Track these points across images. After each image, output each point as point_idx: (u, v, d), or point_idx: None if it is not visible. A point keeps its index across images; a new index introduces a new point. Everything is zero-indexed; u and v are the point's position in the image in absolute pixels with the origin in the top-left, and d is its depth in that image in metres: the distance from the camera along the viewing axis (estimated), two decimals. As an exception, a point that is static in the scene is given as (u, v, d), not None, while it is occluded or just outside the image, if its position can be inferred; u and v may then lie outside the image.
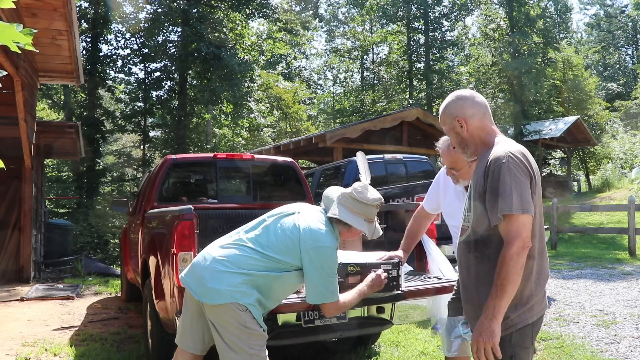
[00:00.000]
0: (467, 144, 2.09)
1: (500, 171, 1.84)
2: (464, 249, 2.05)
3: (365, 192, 2.56)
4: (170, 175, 5.04)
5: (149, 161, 18.33)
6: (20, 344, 4.53)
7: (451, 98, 2.13)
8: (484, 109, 2.08)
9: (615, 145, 26.21)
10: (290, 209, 2.61)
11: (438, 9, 29.56)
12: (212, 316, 2.38)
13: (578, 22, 57.00)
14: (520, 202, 1.80)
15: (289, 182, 5.37)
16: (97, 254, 13.39)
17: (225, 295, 2.31)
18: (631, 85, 38.41)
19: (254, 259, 2.39)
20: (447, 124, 2.12)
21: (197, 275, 2.42)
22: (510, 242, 1.79)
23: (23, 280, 8.02)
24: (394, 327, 4.50)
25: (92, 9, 16.39)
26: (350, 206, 2.53)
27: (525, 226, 1.81)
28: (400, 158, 8.03)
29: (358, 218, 2.53)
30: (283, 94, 24.73)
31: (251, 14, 18.04)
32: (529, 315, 1.89)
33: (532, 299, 1.89)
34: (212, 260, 2.42)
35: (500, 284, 1.79)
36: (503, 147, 1.94)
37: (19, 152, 7.89)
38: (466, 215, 2.07)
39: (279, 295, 2.52)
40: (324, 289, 2.43)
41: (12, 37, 1.23)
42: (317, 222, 2.49)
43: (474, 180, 2.01)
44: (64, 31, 7.00)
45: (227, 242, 2.52)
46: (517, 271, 1.79)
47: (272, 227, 2.49)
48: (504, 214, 1.81)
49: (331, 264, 2.46)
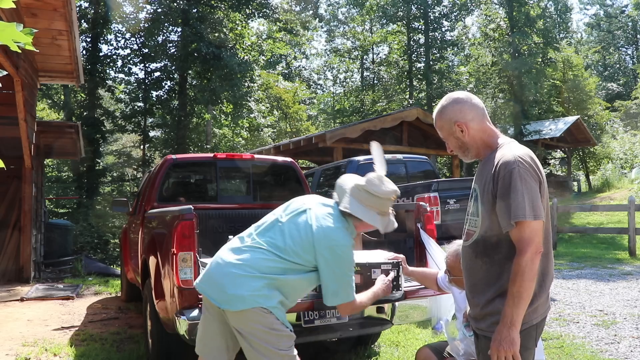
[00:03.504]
0: (468, 148, 2.05)
1: (511, 177, 1.83)
2: (470, 254, 2.02)
3: (379, 184, 2.44)
4: (170, 175, 5.04)
5: (149, 161, 18.32)
6: (20, 344, 4.53)
7: (447, 101, 2.07)
8: (482, 111, 2.05)
9: (615, 145, 26.20)
10: (302, 205, 2.50)
11: (438, 9, 29.55)
12: (236, 323, 2.31)
13: (578, 22, 57.05)
14: (532, 208, 1.80)
15: (289, 182, 5.37)
16: (97, 254, 13.39)
17: (249, 300, 2.25)
18: (631, 85, 38.42)
19: (272, 262, 2.32)
20: (445, 130, 2.07)
21: (216, 282, 2.34)
22: (523, 249, 1.79)
23: (23, 280, 8.02)
24: (394, 327, 4.50)
25: (92, 9, 16.39)
26: (363, 199, 2.42)
27: (538, 232, 1.82)
28: (400, 158, 8.02)
29: (371, 211, 2.43)
30: (283, 94, 24.73)
31: (251, 14, 18.05)
32: (534, 316, 1.89)
33: (536, 300, 1.88)
34: (229, 266, 2.34)
35: (516, 291, 1.79)
36: (510, 150, 1.91)
37: (19, 152, 7.89)
38: (471, 219, 2.04)
39: (298, 295, 2.47)
40: (341, 289, 2.38)
41: (12, 37, 1.23)
42: (329, 219, 2.40)
43: (480, 183, 1.98)
44: (64, 31, 7.00)
45: (240, 245, 2.43)
46: (531, 278, 1.79)
47: (287, 229, 2.40)
48: (516, 221, 1.80)
49: (347, 263, 2.39)
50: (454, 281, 2.61)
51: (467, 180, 10.04)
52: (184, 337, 2.97)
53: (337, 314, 3.18)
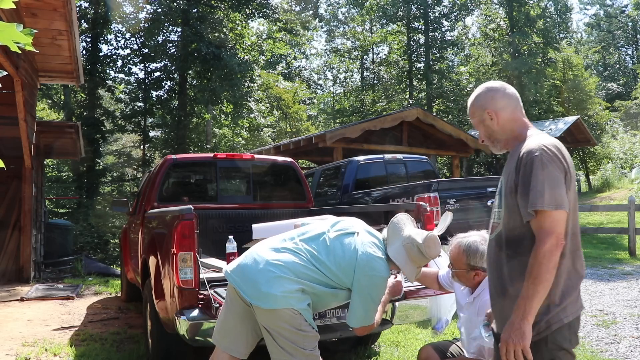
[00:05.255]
0: (497, 137, 2.01)
1: (532, 165, 1.76)
2: (495, 247, 1.95)
3: (434, 248, 2.50)
4: (170, 175, 5.04)
5: (149, 161, 18.33)
6: (20, 344, 4.53)
7: (481, 90, 2.05)
8: (516, 101, 2.00)
9: (615, 145, 26.19)
10: (350, 226, 2.58)
11: (438, 9, 29.56)
12: (265, 320, 2.35)
13: (578, 22, 57.08)
14: (553, 197, 1.72)
15: (289, 182, 5.37)
16: (97, 254, 13.40)
17: (281, 300, 2.29)
18: (631, 85, 38.42)
19: (311, 270, 2.38)
20: (477, 117, 2.03)
21: (249, 278, 2.37)
22: (542, 239, 1.71)
23: (23, 280, 8.02)
24: (394, 327, 4.51)
25: (92, 9, 16.40)
26: (412, 254, 2.49)
27: (559, 222, 1.73)
28: (400, 158, 8.01)
29: (412, 265, 2.52)
30: (283, 94, 24.72)
31: (251, 14, 18.05)
32: (563, 315, 1.80)
33: (565, 299, 1.80)
34: (266, 264, 2.37)
35: (532, 282, 1.71)
36: (536, 140, 1.85)
37: (19, 152, 7.89)
38: (497, 211, 1.97)
39: (321, 305, 2.54)
40: (366, 314, 2.46)
41: (12, 37, 1.23)
42: (375, 249, 2.47)
43: (505, 174, 1.92)
44: (64, 31, 7.00)
45: (280, 245, 2.47)
46: (549, 270, 1.70)
47: (332, 245, 2.46)
48: (535, 210, 1.73)
49: (379, 293, 2.49)
50: (456, 274, 2.59)
51: (467, 180, 10.07)
52: (184, 337, 2.97)
53: (337, 313, 3.20)
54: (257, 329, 2.47)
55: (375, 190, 6.85)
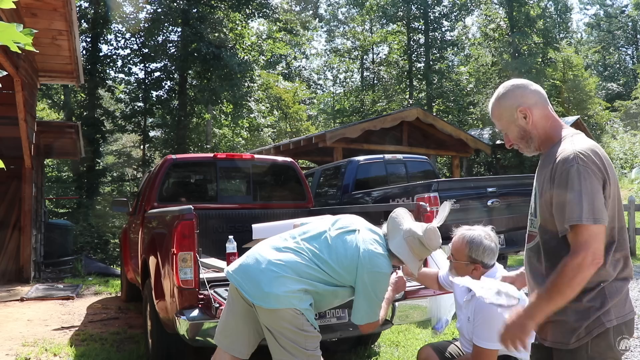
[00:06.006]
0: (532, 137, 1.84)
1: (568, 175, 1.63)
2: (532, 257, 1.85)
3: (434, 238, 2.51)
4: (170, 175, 5.04)
5: (149, 161, 18.33)
6: (20, 344, 4.53)
7: (506, 88, 1.87)
8: (544, 97, 1.86)
9: (615, 145, 26.18)
10: (351, 224, 2.58)
11: (438, 9, 29.54)
12: (267, 320, 2.35)
13: (578, 22, 57.05)
14: (591, 210, 1.58)
15: (289, 182, 5.37)
16: (97, 254, 13.40)
17: (283, 300, 2.29)
18: (631, 85, 38.40)
19: (313, 270, 2.38)
20: (505, 118, 1.86)
21: (252, 278, 2.36)
22: (577, 252, 1.59)
23: (23, 280, 8.02)
24: (394, 327, 4.51)
25: (92, 9, 16.40)
26: (414, 247, 2.49)
27: (597, 237, 1.59)
28: (400, 158, 8.00)
29: (415, 258, 2.52)
30: (283, 94, 24.71)
31: (251, 14, 18.05)
32: (606, 319, 1.65)
33: (607, 303, 1.65)
34: (268, 263, 2.37)
35: (549, 288, 1.62)
36: (571, 144, 1.70)
37: (19, 152, 7.89)
38: (532, 220, 1.86)
39: (323, 304, 2.54)
40: (371, 311, 2.46)
41: (12, 37, 1.23)
42: (376, 246, 2.47)
43: (539, 181, 1.80)
44: (64, 31, 7.00)
45: (282, 245, 2.47)
46: (572, 285, 1.58)
47: (334, 243, 2.46)
48: (571, 225, 1.61)
49: (383, 289, 2.49)
50: (455, 266, 2.57)
51: (467, 180, 10.04)
52: (184, 337, 2.97)
53: (337, 313, 3.20)
54: (259, 328, 2.47)
55: (375, 190, 6.84)
